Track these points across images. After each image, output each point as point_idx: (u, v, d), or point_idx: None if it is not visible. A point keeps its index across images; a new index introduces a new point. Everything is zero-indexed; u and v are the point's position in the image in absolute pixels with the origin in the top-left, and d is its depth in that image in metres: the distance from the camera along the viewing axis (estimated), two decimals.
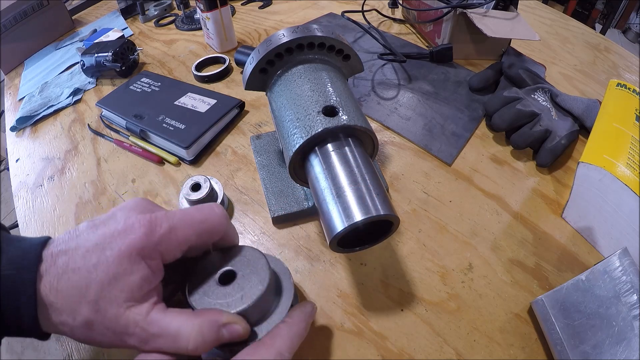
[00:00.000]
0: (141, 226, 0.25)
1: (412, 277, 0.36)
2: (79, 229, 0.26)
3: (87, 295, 0.23)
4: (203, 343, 0.24)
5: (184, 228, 0.26)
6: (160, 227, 0.25)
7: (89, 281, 0.23)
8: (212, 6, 0.63)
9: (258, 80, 0.37)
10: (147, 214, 0.26)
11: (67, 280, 0.23)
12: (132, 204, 0.27)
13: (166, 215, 0.26)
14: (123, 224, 0.25)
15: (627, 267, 0.29)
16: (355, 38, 0.69)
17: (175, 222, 0.26)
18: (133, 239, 0.24)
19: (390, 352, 0.32)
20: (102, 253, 0.24)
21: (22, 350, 1.23)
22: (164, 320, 0.24)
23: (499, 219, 0.41)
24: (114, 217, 0.26)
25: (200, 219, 0.27)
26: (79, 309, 0.23)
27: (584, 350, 0.28)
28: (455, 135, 0.49)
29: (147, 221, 0.25)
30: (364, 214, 0.26)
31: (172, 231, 0.26)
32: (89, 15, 0.93)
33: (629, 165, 0.36)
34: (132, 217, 0.25)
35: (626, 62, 0.66)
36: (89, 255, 0.24)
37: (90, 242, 0.24)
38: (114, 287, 0.23)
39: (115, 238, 0.24)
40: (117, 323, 0.24)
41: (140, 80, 0.60)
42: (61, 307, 0.23)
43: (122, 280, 0.24)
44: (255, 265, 0.29)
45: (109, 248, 0.24)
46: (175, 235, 0.26)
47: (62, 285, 0.23)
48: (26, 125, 0.60)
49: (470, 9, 0.57)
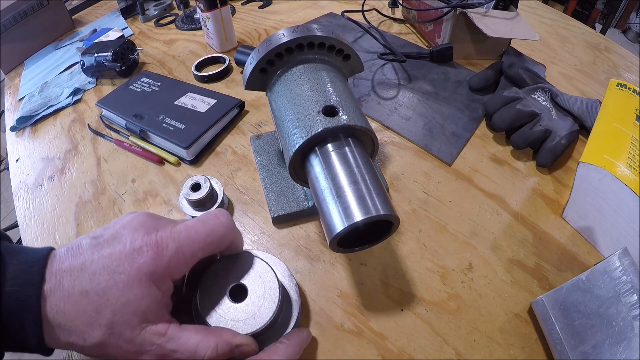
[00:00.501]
0: (149, 250, 0.25)
1: (412, 277, 0.36)
2: (81, 246, 0.25)
3: (98, 319, 0.23)
4: (216, 357, 0.26)
5: (191, 245, 0.26)
6: (167, 249, 0.26)
7: (99, 305, 0.23)
8: (212, 6, 0.63)
9: (258, 80, 0.37)
10: (153, 234, 0.26)
11: (76, 303, 0.23)
12: (136, 222, 0.27)
13: (172, 234, 0.26)
14: (129, 247, 0.25)
15: (627, 267, 0.29)
16: (355, 38, 0.69)
17: (181, 241, 0.26)
18: (142, 263, 0.24)
19: (390, 352, 0.32)
20: (110, 277, 0.24)
21: None
22: (183, 338, 0.25)
23: (499, 219, 0.41)
24: (119, 237, 0.26)
25: (206, 233, 0.27)
26: (90, 331, 0.23)
27: (584, 350, 0.28)
28: (455, 135, 0.49)
29: (155, 244, 0.25)
30: (364, 214, 0.26)
31: (179, 251, 0.26)
32: (89, 15, 0.93)
33: (629, 165, 0.36)
34: (138, 239, 0.25)
35: (626, 62, 0.66)
36: (96, 279, 0.24)
37: (96, 264, 0.24)
38: (127, 312, 0.24)
39: (122, 262, 0.24)
40: (133, 344, 0.24)
41: (140, 80, 0.60)
42: (69, 329, 0.23)
43: (135, 304, 0.24)
44: (265, 280, 0.30)
45: (117, 272, 0.24)
46: (183, 255, 0.26)
47: (70, 309, 0.23)
48: (26, 125, 0.60)
49: (470, 8, 0.57)
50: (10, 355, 1.04)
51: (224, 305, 0.28)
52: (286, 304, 0.32)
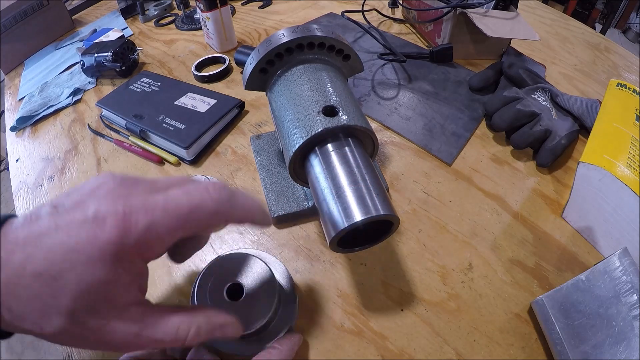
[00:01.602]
0: (113, 224, 0.20)
1: (412, 277, 0.36)
2: (40, 216, 0.21)
3: (56, 306, 0.20)
4: (197, 340, 0.23)
5: (168, 221, 0.21)
6: (137, 224, 0.21)
7: (55, 291, 0.20)
8: (212, 6, 0.63)
9: (258, 80, 0.37)
10: (120, 203, 0.21)
11: (28, 287, 0.19)
12: (105, 189, 0.22)
13: (145, 206, 0.21)
14: (91, 219, 0.20)
15: (627, 267, 0.29)
16: (355, 38, 0.69)
17: (156, 215, 0.21)
18: (104, 241, 0.20)
19: (390, 352, 0.32)
20: (67, 257, 0.20)
21: (22, 350, 1.23)
22: (161, 322, 0.23)
23: (499, 219, 0.41)
24: (81, 206, 0.21)
25: (189, 208, 0.22)
26: (47, 320, 0.20)
27: (584, 350, 0.28)
28: (455, 135, 0.49)
29: (121, 218, 0.20)
30: (364, 214, 0.26)
31: (152, 228, 0.21)
32: (89, 15, 0.93)
33: (629, 165, 0.36)
34: (103, 208, 0.21)
35: (626, 62, 0.66)
36: (51, 258, 0.20)
37: (52, 239, 0.20)
38: (90, 299, 0.20)
39: (81, 238, 0.20)
40: (102, 333, 0.21)
41: (140, 80, 0.60)
42: (22, 314, 0.20)
43: (98, 290, 0.20)
44: (263, 280, 0.30)
45: (75, 250, 0.20)
46: (157, 233, 0.21)
47: (22, 292, 0.19)
48: (26, 125, 0.60)
49: (470, 8, 0.57)
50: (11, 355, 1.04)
51: (220, 304, 0.29)
52: (284, 304, 0.32)
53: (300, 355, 0.32)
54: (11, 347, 1.23)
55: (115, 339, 0.21)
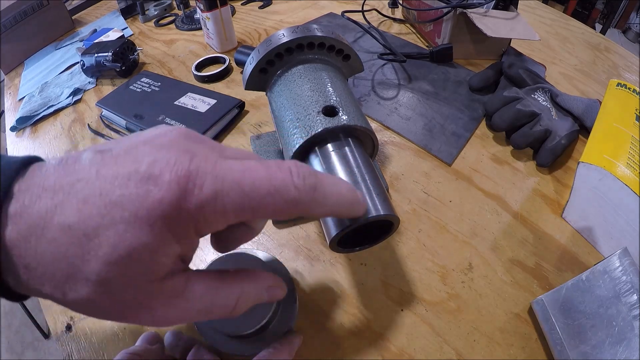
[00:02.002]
0: (172, 181, 0.16)
1: (412, 277, 0.36)
2: (80, 160, 0.17)
3: (84, 271, 0.16)
4: (246, 308, 0.21)
5: (239, 198, 0.17)
6: (202, 189, 0.17)
7: (86, 251, 0.16)
8: (212, 6, 0.63)
9: (258, 80, 0.37)
10: (186, 159, 0.17)
11: (52, 241, 0.16)
12: (167, 139, 0.18)
13: (215, 169, 0.17)
14: (145, 171, 0.16)
15: (627, 267, 0.29)
16: (355, 38, 0.69)
17: (226, 186, 0.17)
18: (157, 200, 0.16)
19: (390, 352, 0.32)
20: (108, 212, 0.16)
21: (22, 350, 1.23)
22: (209, 292, 0.19)
23: (499, 219, 0.41)
24: (134, 153, 0.17)
25: (267, 189, 0.18)
26: (72, 285, 0.16)
27: (584, 350, 0.28)
28: (455, 135, 0.49)
29: (184, 174, 0.16)
30: (364, 214, 0.26)
31: (219, 199, 0.17)
32: (89, 15, 0.93)
33: (629, 165, 0.36)
34: (162, 161, 0.17)
35: (626, 62, 0.66)
36: (87, 210, 0.16)
37: (91, 187, 0.16)
38: (128, 268, 0.16)
39: (130, 191, 0.16)
40: (137, 307, 0.18)
41: (140, 80, 0.60)
42: (42, 275, 0.16)
43: (140, 257, 0.16)
44: None
45: (119, 205, 0.16)
46: (222, 206, 0.17)
47: (45, 247, 0.16)
48: (26, 125, 0.60)
49: (470, 8, 0.57)
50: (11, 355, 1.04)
51: None
52: (284, 304, 0.32)
53: (301, 355, 0.32)
54: (11, 347, 1.23)
55: (154, 314, 0.18)
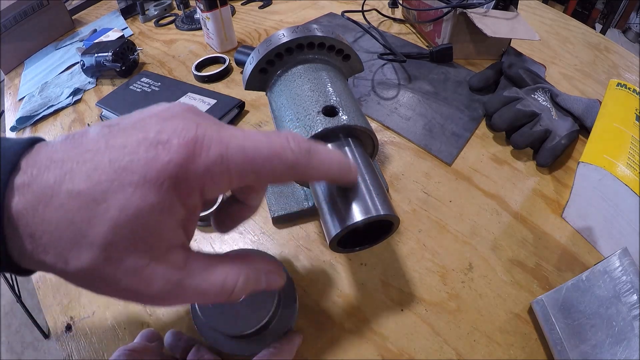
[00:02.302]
0: (180, 145, 0.17)
1: (412, 277, 0.36)
2: (87, 134, 0.17)
3: (89, 236, 0.16)
4: (244, 291, 0.21)
5: (242, 159, 0.18)
6: (208, 151, 0.17)
7: (93, 215, 0.16)
8: (212, 6, 0.63)
9: (258, 80, 0.37)
10: (193, 126, 0.18)
11: (60, 207, 0.16)
12: (171, 112, 0.18)
13: (219, 135, 0.18)
14: (154, 137, 0.17)
15: (627, 267, 0.29)
16: (355, 38, 0.69)
17: (231, 148, 0.18)
18: (166, 162, 0.16)
19: (390, 352, 0.32)
20: (117, 176, 0.16)
21: (22, 350, 1.23)
22: (208, 270, 0.19)
23: (499, 219, 0.41)
24: (142, 125, 0.18)
25: (268, 153, 0.19)
26: (76, 251, 0.16)
27: (584, 350, 0.28)
28: (455, 135, 0.49)
29: (191, 139, 0.17)
30: (364, 214, 0.26)
31: (224, 162, 0.18)
32: (89, 15, 0.93)
33: (629, 165, 0.36)
34: (169, 127, 0.17)
35: (626, 62, 0.66)
36: (97, 176, 0.16)
37: (101, 156, 0.16)
38: (135, 230, 0.16)
39: (139, 155, 0.16)
40: (138, 278, 0.17)
41: (140, 80, 0.60)
42: (47, 243, 0.16)
43: (147, 220, 0.16)
44: None
45: (128, 170, 0.16)
46: (227, 167, 0.18)
47: (52, 215, 0.16)
48: (26, 125, 0.60)
49: (470, 8, 0.57)
50: (11, 355, 1.04)
51: (221, 303, 0.29)
52: (284, 304, 0.32)
53: (301, 355, 0.32)
54: (11, 347, 1.23)
55: (152, 286, 0.17)
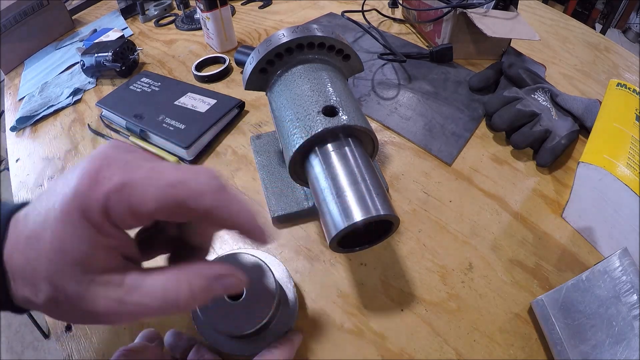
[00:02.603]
0: (83, 176, 0.18)
1: (412, 277, 0.36)
2: (49, 185, 0.21)
3: (39, 271, 0.19)
4: (192, 297, 0.20)
5: (146, 188, 0.19)
6: (110, 180, 0.18)
7: (38, 252, 0.18)
8: (212, 6, 0.63)
9: (258, 80, 0.37)
10: (100, 159, 0.19)
11: (22, 251, 0.19)
12: (100, 151, 0.20)
13: (125, 166, 0.19)
14: (70, 175, 0.19)
15: (627, 267, 0.29)
16: (355, 38, 0.69)
17: (134, 177, 0.19)
18: (70, 193, 0.18)
19: (390, 352, 0.32)
20: (45, 215, 0.19)
21: (22, 350, 1.23)
22: (146, 284, 0.20)
23: (499, 219, 0.41)
24: (74, 167, 0.20)
25: (175, 180, 0.19)
26: (38, 285, 0.19)
27: (584, 350, 0.28)
28: (455, 135, 0.49)
29: (93, 168, 0.19)
30: (364, 214, 0.26)
31: (125, 188, 0.19)
32: (89, 15, 0.93)
33: (629, 165, 0.36)
34: (82, 166, 0.19)
35: (626, 62, 0.66)
36: (37, 219, 0.19)
37: (43, 200, 0.19)
38: (63, 260, 0.18)
39: (56, 192, 0.19)
40: (83, 301, 0.19)
41: (140, 80, 0.60)
42: (22, 280, 0.19)
43: (70, 249, 0.18)
44: (263, 280, 0.30)
45: (51, 207, 0.19)
46: (127, 196, 0.19)
47: (19, 259, 0.19)
48: (26, 125, 0.60)
49: (470, 8, 0.57)
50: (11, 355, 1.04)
51: (220, 304, 0.29)
52: (283, 304, 0.32)
53: (301, 355, 0.32)
54: (11, 347, 1.23)
55: (96, 307, 0.19)
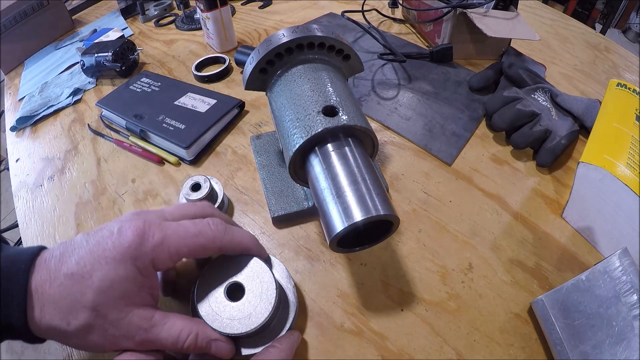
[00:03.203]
0: (134, 233, 0.25)
1: (412, 277, 0.36)
2: (75, 240, 0.26)
3: (82, 301, 0.23)
4: (194, 347, 0.26)
5: (177, 240, 0.27)
6: (153, 236, 0.26)
7: (83, 287, 0.24)
8: (212, 6, 0.63)
9: (258, 80, 0.37)
10: (141, 221, 0.26)
11: (60, 285, 0.24)
12: (129, 215, 0.28)
13: (160, 225, 0.27)
14: (116, 232, 0.26)
15: (627, 267, 0.29)
16: (355, 38, 0.69)
17: (168, 233, 0.26)
18: (124, 244, 0.25)
19: (390, 352, 0.32)
20: (96, 260, 0.24)
21: (22, 351, 1.23)
22: (168, 323, 0.26)
23: (499, 219, 0.41)
24: (108, 227, 0.26)
25: (194, 232, 0.27)
26: (75, 314, 0.23)
27: (584, 350, 0.28)
28: (455, 135, 0.49)
29: (140, 228, 0.26)
30: (364, 214, 0.26)
31: (165, 242, 0.26)
32: (89, 15, 0.93)
33: (629, 165, 0.36)
34: (126, 224, 0.26)
35: (626, 62, 0.66)
36: (82, 262, 0.24)
37: (83, 249, 0.25)
38: (112, 293, 0.24)
39: (108, 245, 0.25)
40: (119, 327, 0.24)
41: (140, 80, 0.60)
42: (53, 311, 0.23)
43: (119, 285, 0.24)
44: (263, 280, 0.30)
45: (102, 255, 0.24)
46: (167, 247, 0.26)
47: (55, 290, 0.23)
48: (26, 125, 0.60)
49: (470, 8, 0.57)
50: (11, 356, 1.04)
51: (220, 303, 0.29)
52: (283, 304, 0.32)
53: (300, 355, 0.32)
54: (11, 347, 1.23)
55: (129, 332, 0.24)
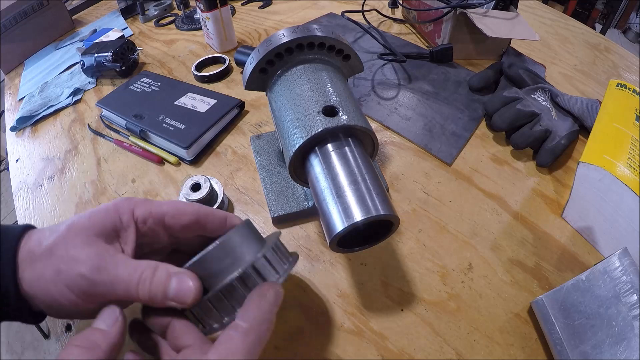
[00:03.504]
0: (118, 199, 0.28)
1: (412, 277, 0.36)
2: None
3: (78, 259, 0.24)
4: (149, 284, 0.23)
5: (159, 205, 0.28)
6: (136, 198, 0.28)
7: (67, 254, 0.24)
8: (212, 6, 0.63)
9: (258, 80, 0.37)
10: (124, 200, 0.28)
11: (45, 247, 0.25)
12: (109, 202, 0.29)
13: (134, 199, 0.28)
14: None
15: (627, 267, 0.29)
16: (355, 38, 0.69)
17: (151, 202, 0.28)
18: (108, 203, 0.27)
19: (390, 352, 0.32)
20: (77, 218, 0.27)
21: (22, 351, 1.23)
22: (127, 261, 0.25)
23: (499, 219, 0.41)
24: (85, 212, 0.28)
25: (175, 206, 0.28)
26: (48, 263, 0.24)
27: (584, 350, 0.28)
28: (455, 135, 0.49)
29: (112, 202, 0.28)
30: (364, 214, 0.26)
31: (148, 202, 0.28)
32: (89, 15, 0.93)
33: (629, 165, 0.36)
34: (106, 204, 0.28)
35: (626, 62, 0.66)
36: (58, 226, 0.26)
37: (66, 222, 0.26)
38: (84, 221, 0.26)
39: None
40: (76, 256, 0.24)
41: (140, 80, 0.60)
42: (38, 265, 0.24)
43: (95, 216, 0.26)
44: None
45: None
46: (150, 204, 0.28)
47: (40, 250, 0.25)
48: (26, 125, 0.60)
49: (470, 9, 0.57)
50: (11, 356, 1.04)
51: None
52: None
53: (301, 355, 0.32)
54: (11, 347, 1.23)
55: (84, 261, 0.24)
